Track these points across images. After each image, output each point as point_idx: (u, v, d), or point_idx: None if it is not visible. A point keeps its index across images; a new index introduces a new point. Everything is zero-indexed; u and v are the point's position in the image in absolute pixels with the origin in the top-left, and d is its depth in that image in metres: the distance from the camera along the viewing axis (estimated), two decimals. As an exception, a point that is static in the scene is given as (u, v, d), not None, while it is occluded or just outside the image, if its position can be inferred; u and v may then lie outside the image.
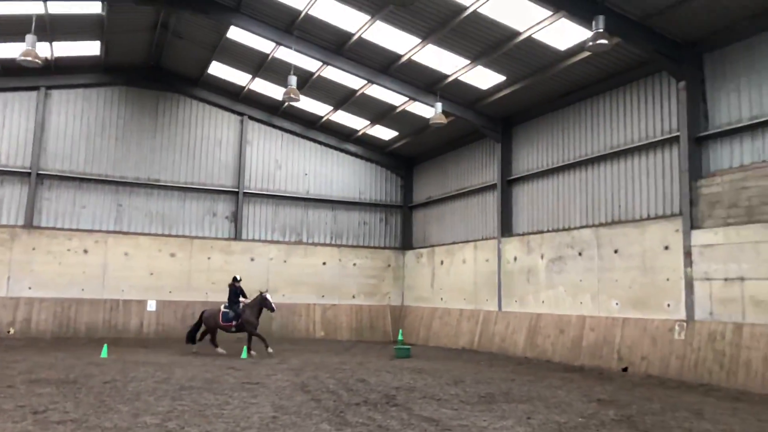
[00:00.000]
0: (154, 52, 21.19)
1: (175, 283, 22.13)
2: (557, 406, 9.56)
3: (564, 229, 17.59)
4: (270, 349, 16.00)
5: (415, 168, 26.15)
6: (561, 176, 18.11)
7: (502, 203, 20.03)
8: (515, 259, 19.21)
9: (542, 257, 18.07)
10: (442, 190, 23.94)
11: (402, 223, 26.29)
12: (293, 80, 17.07)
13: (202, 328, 16.84)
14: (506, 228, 19.91)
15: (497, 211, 20.28)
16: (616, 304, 15.36)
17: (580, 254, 16.71)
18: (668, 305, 13.94)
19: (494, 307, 19.86)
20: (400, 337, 19.04)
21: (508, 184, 20.11)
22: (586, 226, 16.79)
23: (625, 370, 14.17)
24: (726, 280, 12.63)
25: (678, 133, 14.27)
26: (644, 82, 15.53)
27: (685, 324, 13.31)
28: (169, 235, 22.51)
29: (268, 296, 16.39)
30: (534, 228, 18.93)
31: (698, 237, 13.36)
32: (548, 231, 18.21)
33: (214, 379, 11.67)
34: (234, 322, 16.30)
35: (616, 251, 15.59)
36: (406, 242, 26.05)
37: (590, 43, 12.91)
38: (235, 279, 17.03)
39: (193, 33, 19.56)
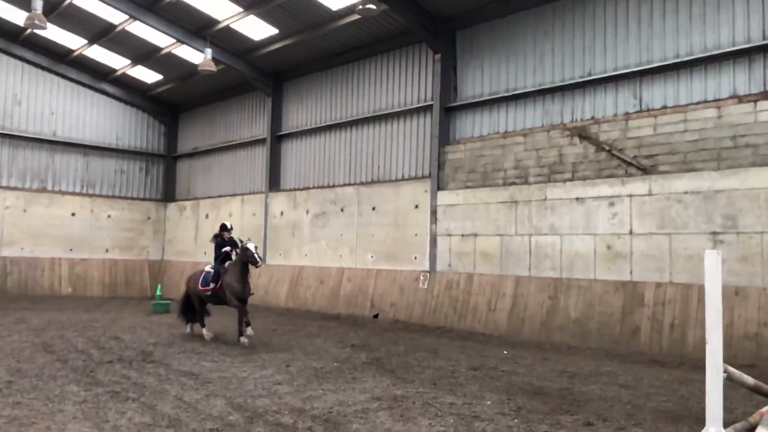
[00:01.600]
0: None
1: None
2: (315, 353, 10.15)
3: (329, 186, 18.34)
4: (244, 338, 10.83)
5: (181, 116, 24.85)
6: (328, 135, 18.74)
7: (271, 158, 20.12)
8: (282, 213, 19.56)
9: (307, 212, 18.68)
10: (210, 141, 23.18)
11: (165, 174, 24.92)
12: (38, 4, 14.95)
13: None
14: (274, 183, 20.09)
15: (266, 166, 20.32)
16: (372, 256, 16.60)
17: (342, 210, 17.61)
18: (415, 258, 15.50)
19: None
20: (158, 293, 18.29)
21: (277, 139, 20.21)
22: (349, 184, 17.71)
23: (376, 316, 15.50)
24: (463, 236, 14.42)
25: (432, 102, 15.65)
26: (407, 51, 16.65)
27: (428, 274, 14.95)
28: None
29: (251, 246, 11.19)
30: (301, 184, 19.40)
31: (443, 197, 14.98)
32: (314, 187, 18.82)
33: (-70, 344, 10.10)
34: (211, 286, 11.49)
35: (374, 208, 16.75)
36: (168, 194, 24.81)
37: (360, 7, 13.46)
38: (223, 228, 12.30)
39: None
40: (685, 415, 6.55)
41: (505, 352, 10.74)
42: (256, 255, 11.07)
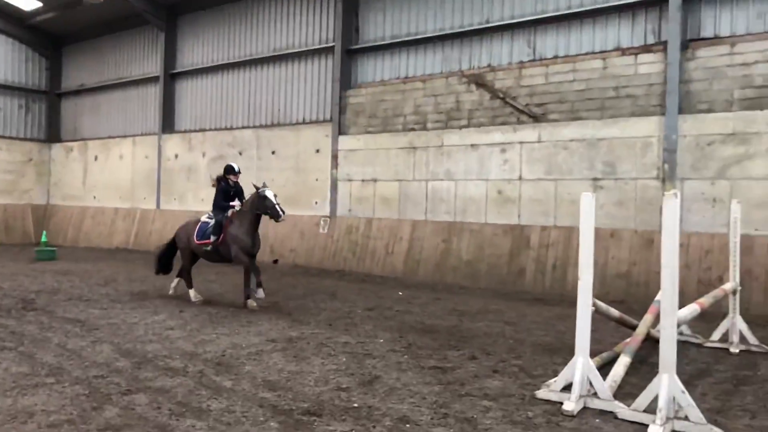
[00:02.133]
0: None
1: None
2: (209, 298, 10.02)
3: (226, 129, 17.75)
4: (252, 302, 9.21)
5: (65, 50, 22.91)
6: (225, 74, 18.00)
7: (165, 98, 19.12)
8: (176, 156, 18.78)
9: (204, 155, 18.05)
10: (98, 78, 21.62)
11: (48, 112, 23.07)
12: None
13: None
14: (168, 124, 19.17)
15: (159, 106, 19.31)
16: (272, 201, 16.37)
17: (240, 154, 17.16)
18: (316, 203, 15.47)
19: (152, 206, 19.32)
20: (43, 239, 17.23)
21: (171, 78, 19.18)
22: (248, 127, 17.22)
23: (275, 262, 15.45)
24: (363, 181, 14.51)
25: (333, 44, 15.34)
26: (308, -9, 16.14)
27: (328, 219, 15.01)
28: None
29: (269, 194, 9.16)
30: (197, 126, 18.64)
31: (344, 142, 14.93)
32: (210, 129, 18.16)
33: None
34: (212, 239, 9.48)
35: (273, 152, 16.44)
36: (53, 134, 23.07)
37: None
38: (229, 170, 9.84)
39: None
40: (560, 348, 7.08)
41: (401, 293, 11.09)
42: (278, 206, 9.04)
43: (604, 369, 5.61)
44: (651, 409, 4.59)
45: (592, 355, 5.63)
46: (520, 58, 12.56)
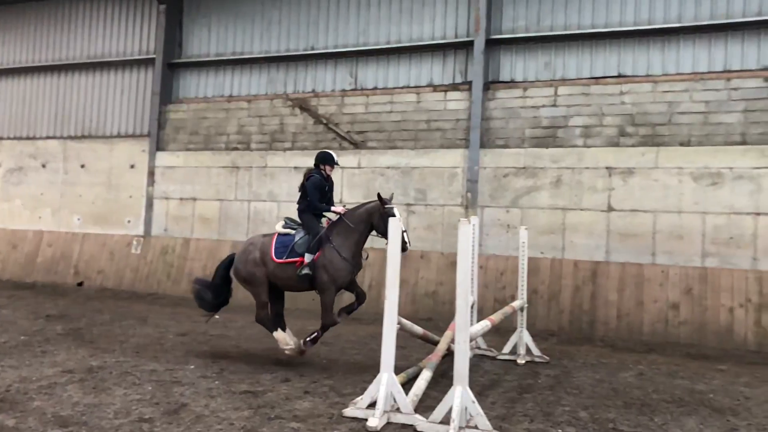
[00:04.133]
0: None
1: None
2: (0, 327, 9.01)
3: (28, 138, 16.13)
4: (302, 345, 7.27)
5: None
6: (30, 78, 16.38)
7: (-50, 99, 16.89)
8: (-37, 166, 16.63)
9: (0, 166, 16.22)
10: None
11: None
12: None
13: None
14: (-47, 129, 16.94)
15: (-58, 108, 17.00)
16: (78, 219, 15.14)
17: (44, 166, 15.68)
18: (129, 221, 14.58)
19: (-69, 221, 16.86)
20: None
21: (-41, 77, 17.01)
22: (54, 137, 15.80)
23: (80, 284, 14.25)
24: (181, 199, 13.99)
25: (154, 56, 14.70)
26: (129, -4, 15.36)
27: (142, 239, 14.22)
28: None
29: (397, 212, 6.72)
30: (-9, 133, 16.72)
31: (162, 158, 14.30)
32: (8, 138, 16.37)
33: None
34: (306, 258, 6.96)
35: (83, 166, 15.25)
36: None
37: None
38: (325, 158, 7.36)
39: None
40: (371, 366, 7.37)
41: (217, 317, 10.79)
42: (405, 234, 6.28)
43: (410, 384, 5.97)
44: (447, 420, 4.96)
45: (399, 371, 6.00)
46: (342, 86, 13.04)
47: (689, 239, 10.11)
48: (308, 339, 7.19)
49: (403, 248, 6.09)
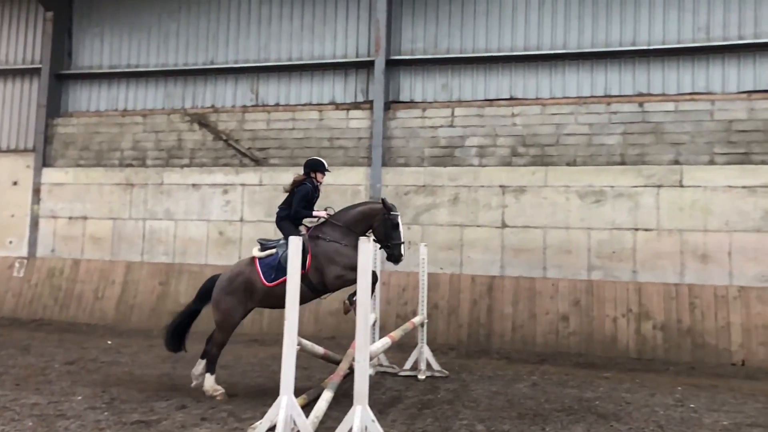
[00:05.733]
0: None
1: None
2: None
3: None
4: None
5: None
6: None
7: None
8: None
9: None
10: None
11: None
12: None
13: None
14: None
15: None
16: (-48, 240, 13.94)
17: None
18: (11, 242, 13.59)
19: None
20: None
21: None
22: None
23: (-46, 311, 13.11)
24: (71, 218, 13.22)
25: (41, 66, 13.88)
26: (13, 2, 14.38)
27: (25, 261, 13.29)
28: None
29: (400, 220, 6.87)
30: None
31: (49, 175, 13.48)
32: None
33: None
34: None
35: (-43, 182, 14.08)
36: None
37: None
38: (316, 165, 7.25)
39: None
40: (272, 388, 7.24)
41: (109, 342, 10.28)
42: (402, 245, 6.84)
43: (311, 406, 5.92)
44: (348, 440, 4.98)
45: (300, 392, 5.95)
46: (243, 102, 12.86)
47: (576, 254, 10.75)
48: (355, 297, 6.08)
49: (397, 257, 6.73)
